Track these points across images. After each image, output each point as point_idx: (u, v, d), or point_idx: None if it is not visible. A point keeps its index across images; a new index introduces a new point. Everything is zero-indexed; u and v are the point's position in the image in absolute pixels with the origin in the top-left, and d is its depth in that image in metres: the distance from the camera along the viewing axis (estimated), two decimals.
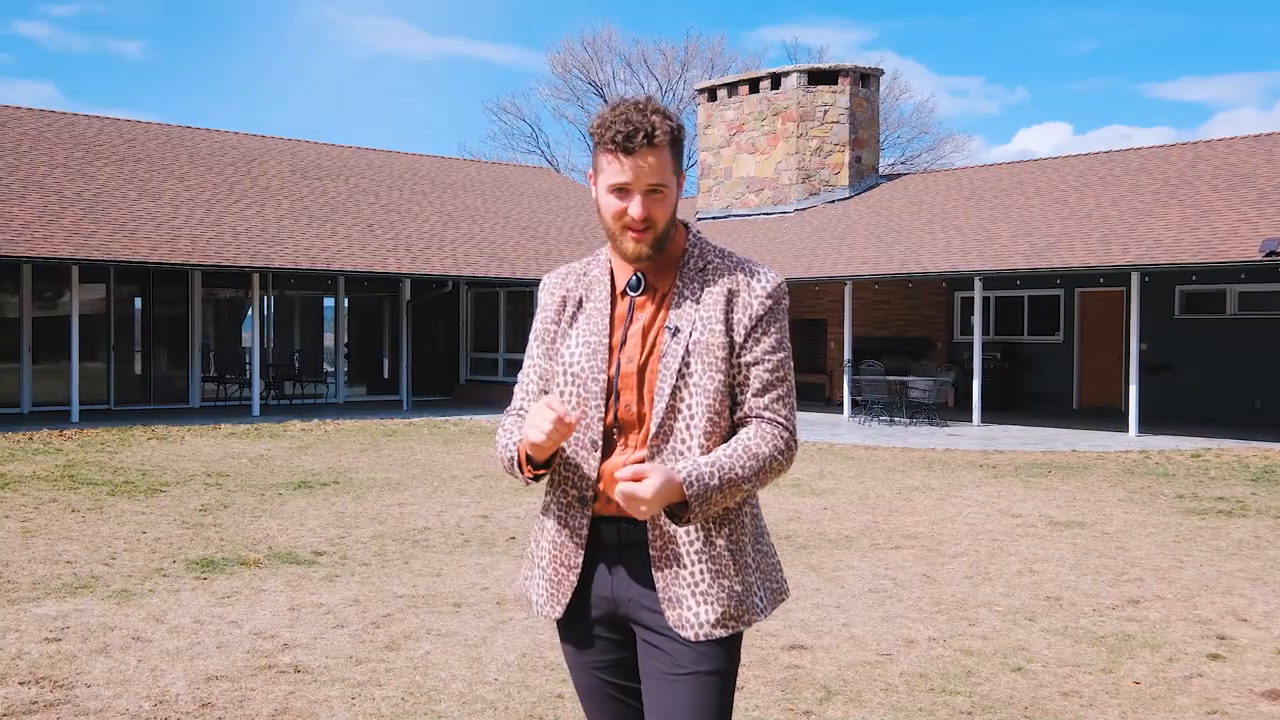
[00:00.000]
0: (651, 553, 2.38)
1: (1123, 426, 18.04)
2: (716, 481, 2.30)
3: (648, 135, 2.32)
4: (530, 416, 2.28)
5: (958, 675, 5.21)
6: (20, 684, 4.93)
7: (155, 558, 7.67)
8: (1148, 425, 18.24)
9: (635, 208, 2.34)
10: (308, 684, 4.99)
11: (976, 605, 6.56)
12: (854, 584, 7.08)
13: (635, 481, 2.22)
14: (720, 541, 2.39)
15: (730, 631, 2.38)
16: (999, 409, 21.61)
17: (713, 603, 2.36)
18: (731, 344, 2.39)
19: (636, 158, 2.32)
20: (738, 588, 2.40)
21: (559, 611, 2.47)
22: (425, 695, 4.86)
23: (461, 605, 6.42)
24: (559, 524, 2.46)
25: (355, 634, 5.79)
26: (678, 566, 2.37)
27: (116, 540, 8.30)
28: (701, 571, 2.37)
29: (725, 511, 2.40)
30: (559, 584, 2.47)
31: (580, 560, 2.43)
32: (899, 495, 11.09)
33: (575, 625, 2.49)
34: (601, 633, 2.47)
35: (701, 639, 2.35)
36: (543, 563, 2.51)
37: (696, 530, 2.37)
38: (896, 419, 19.61)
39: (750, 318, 2.40)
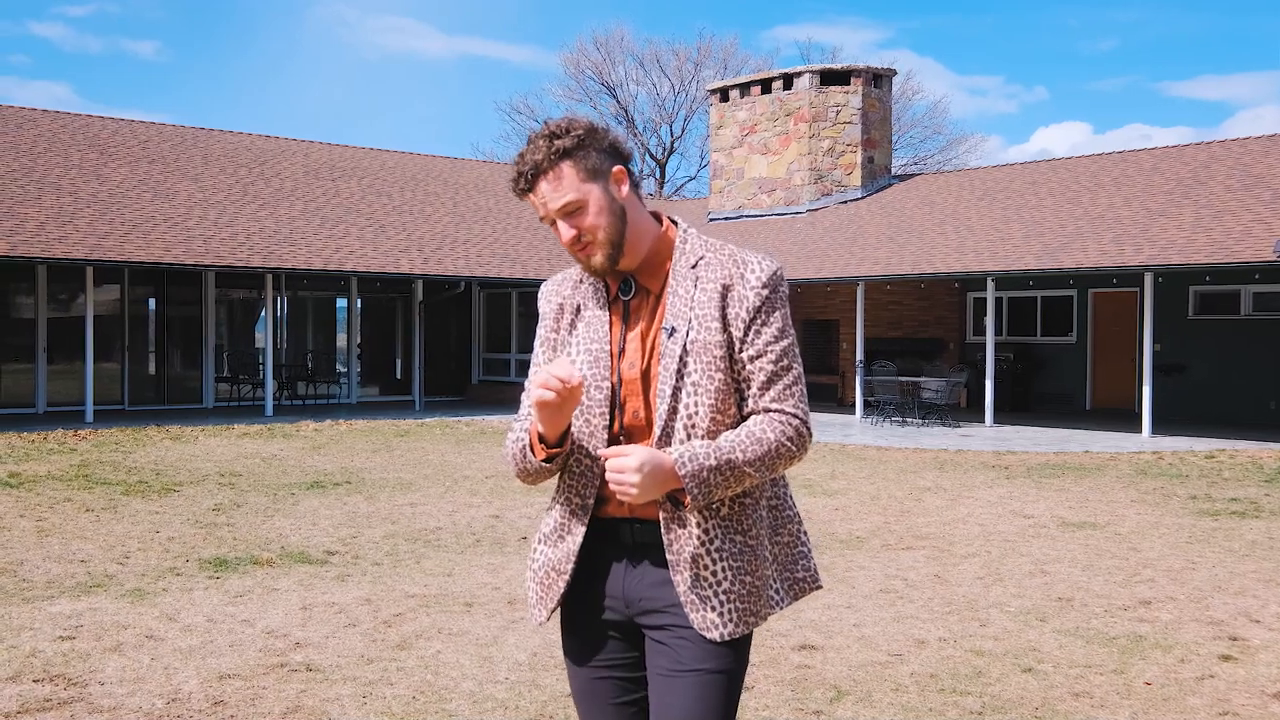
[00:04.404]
0: (669, 556, 2.34)
1: (1136, 427, 17.99)
2: (713, 461, 2.26)
3: (533, 168, 2.33)
4: (533, 381, 2.27)
5: (968, 676, 5.21)
6: (34, 681, 4.96)
7: (169, 557, 7.71)
8: (1161, 426, 18.17)
9: (562, 232, 2.36)
10: (319, 682, 5.01)
11: (988, 606, 6.55)
12: (865, 584, 7.08)
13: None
14: (739, 538, 2.36)
15: (750, 628, 2.36)
16: (1011, 410, 21.57)
17: (735, 601, 2.34)
18: (730, 340, 2.35)
19: (535, 194, 2.36)
20: (758, 584, 2.37)
21: (544, 616, 2.46)
22: (436, 694, 4.88)
23: (473, 605, 6.44)
24: (558, 530, 2.45)
25: (367, 633, 5.81)
26: (697, 567, 2.33)
27: (130, 539, 8.34)
28: (723, 570, 2.34)
29: (741, 506, 2.37)
30: (548, 588, 2.46)
31: (571, 566, 2.41)
32: (910, 496, 11.08)
33: (583, 627, 2.47)
34: (611, 634, 2.45)
35: (726, 638, 2.32)
36: (535, 565, 2.51)
37: (714, 529, 2.34)
38: (909, 420, 19.58)
39: (747, 311, 2.35)
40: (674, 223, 2.47)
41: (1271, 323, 19.65)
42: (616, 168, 2.39)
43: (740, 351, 2.35)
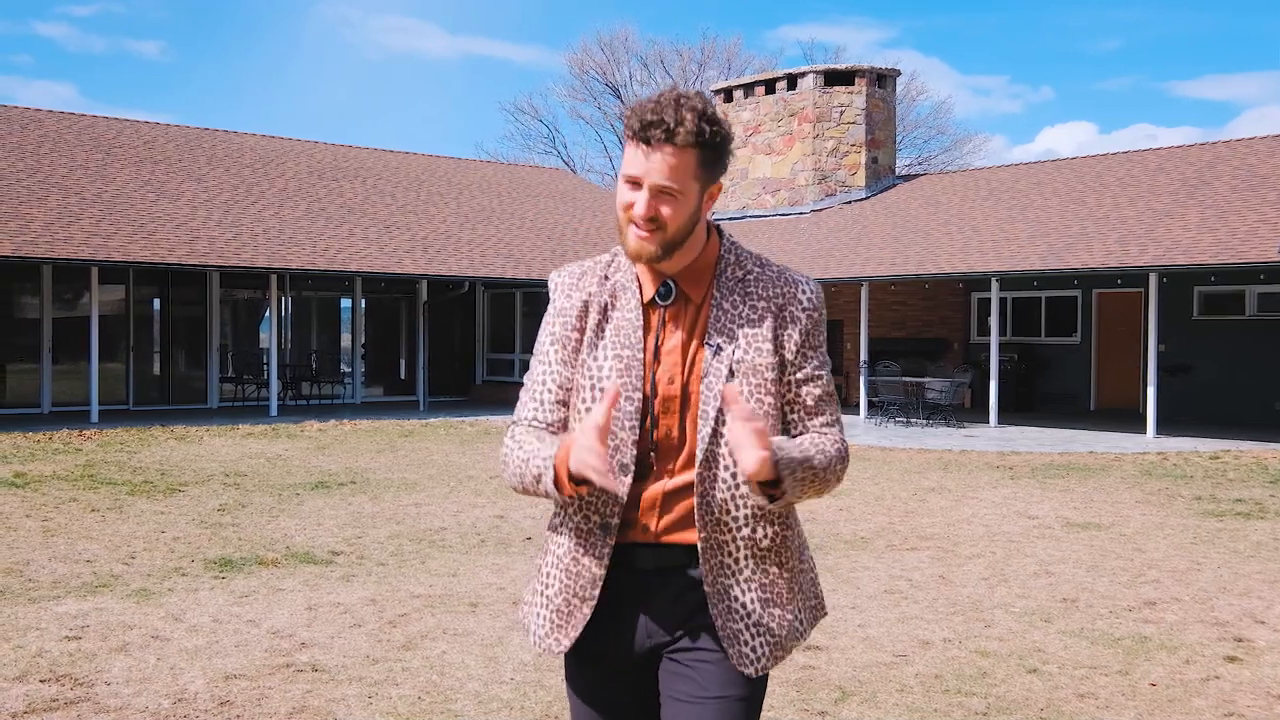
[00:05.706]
0: (706, 588, 2.23)
1: (1140, 428, 17.96)
2: (799, 455, 2.15)
3: (667, 130, 2.12)
4: (580, 452, 2.05)
5: (973, 677, 5.21)
6: (41, 681, 4.97)
7: (174, 557, 7.72)
8: (1166, 427, 18.16)
9: (640, 204, 2.17)
10: (325, 683, 5.02)
11: (992, 607, 6.55)
12: (869, 585, 7.08)
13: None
14: (773, 570, 2.28)
15: (778, 662, 2.29)
16: (1016, 410, 21.55)
17: (764, 634, 2.25)
18: (782, 363, 2.26)
19: (653, 150, 2.14)
20: (788, 616, 2.30)
21: (565, 645, 2.29)
22: (442, 694, 4.89)
23: (478, 605, 6.45)
24: (575, 551, 2.27)
25: (372, 633, 5.82)
26: (729, 599, 2.24)
27: (136, 539, 8.35)
28: (752, 601, 2.25)
29: (780, 539, 2.28)
30: (569, 616, 2.28)
31: (596, 592, 2.25)
32: (915, 496, 11.07)
33: (598, 661, 2.34)
34: (624, 670, 2.33)
35: (761, 674, 2.25)
36: (549, 591, 2.31)
37: (744, 559, 2.25)
38: (913, 420, 19.57)
39: (800, 333, 2.28)
40: (719, 233, 2.34)
41: (1276, 323, 19.62)
42: (718, 184, 2.27)
43: (791, 374, 2.28)
